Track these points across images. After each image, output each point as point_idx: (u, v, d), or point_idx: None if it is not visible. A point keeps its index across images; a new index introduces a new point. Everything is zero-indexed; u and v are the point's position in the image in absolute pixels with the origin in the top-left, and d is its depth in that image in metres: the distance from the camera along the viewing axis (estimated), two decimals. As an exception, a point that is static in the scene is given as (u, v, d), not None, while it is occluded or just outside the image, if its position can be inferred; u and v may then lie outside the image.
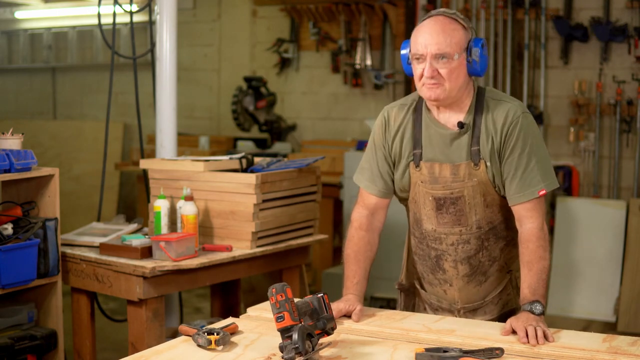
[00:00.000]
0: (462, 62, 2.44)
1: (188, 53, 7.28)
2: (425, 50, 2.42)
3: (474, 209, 2.51)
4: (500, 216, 2.55)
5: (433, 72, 2.42)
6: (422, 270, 2.68)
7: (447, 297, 2.65)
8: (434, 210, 2.54)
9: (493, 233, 2.56)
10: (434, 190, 2.52)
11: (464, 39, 2.45)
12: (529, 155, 2.45)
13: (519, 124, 2.45)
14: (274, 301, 2.04)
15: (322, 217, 4.34)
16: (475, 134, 2.48)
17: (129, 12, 4.12)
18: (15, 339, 3.24)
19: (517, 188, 2.45)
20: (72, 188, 7.58)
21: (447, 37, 2.41)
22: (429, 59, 2.41)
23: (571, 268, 5.47)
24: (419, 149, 2.53)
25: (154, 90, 4.09)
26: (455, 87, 2.44)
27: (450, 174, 2.50)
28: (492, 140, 2.47)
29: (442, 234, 2.55)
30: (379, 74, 6.38)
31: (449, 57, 2.41)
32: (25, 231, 3.22)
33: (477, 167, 2.48)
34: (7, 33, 8.44)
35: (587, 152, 5.75)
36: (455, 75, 2.43)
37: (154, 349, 2.21)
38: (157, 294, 3.18)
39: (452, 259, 2.57)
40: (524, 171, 2.45)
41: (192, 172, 3.45)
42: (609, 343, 2.19)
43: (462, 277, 2.59)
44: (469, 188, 2.49)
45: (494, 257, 2.59)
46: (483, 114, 2.49)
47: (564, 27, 5.69)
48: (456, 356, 2.02)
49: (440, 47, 2.40)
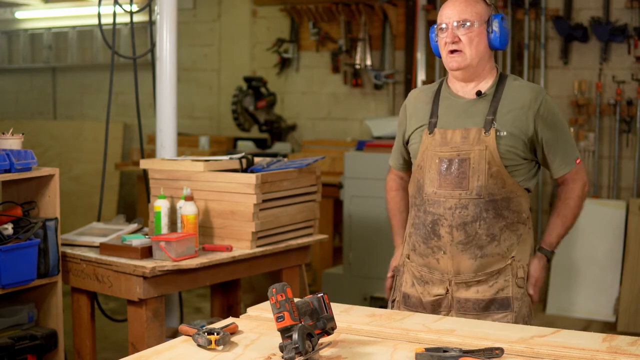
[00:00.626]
0: (483, 31, 2.61)
1: (188, 53, 7.28)
2: (448, 20, 2.60)
3: (477, 174, 2.58)
4: (503, 192, 2.59)
5: (454, 38, 2.59)
6: (415, 241, 2.71)
7: (439, 266, 2.65)
8: (438, 172, 2.64)
9: (493, 206, 2.59)
10: (442, 152, 2.63)
11: (485, 12, 2.63)
12: (562, 130, 2.67)
13: (547, 102, 2.64)
14: (274, 301, 2.04)
15: (322, 217, 4.34)
16: (493, 105, 2.61)
17: (129, 12, 4.12)
18: (15, 339, 3.24)
19: (560, 161, 2.68)
20: (72, 188, 7.58)
21: (469, 6, 2.60)
22: (451, 27, 2.60)
23: (571, 268, 5.47)
24: (435, 118, 2.68)
25: (154, 90, 4.09)
26: (475, 55, 2.60)
27: (461, 138, 2.61)
28: (516, 114, 2.60)
29: (441, 196, 2.62)
30: (379, 74, 6.38)
31: (470, 24, 2.58)
32: (25, 231, 3.22)
33: (487, 133, 2.58)
34: (7, 33, 8.44)
35: (587, 152, 5.75)
36: (476, 42, 2.60)
37: (154, 349, 2.21)
38: (157, 294, 3.18)
39: (448, 224, 2.60)
40: (563, 145, 2.67)
41: (192, 172, 3.45)
42: (609, 343, 2.19)
43: (457, 244, 2.60)
44: (476, 152, 2.58)
45: (492, 234, 2.59)
46: (504, 89, 2.64)
47: (563, 27, 5.69)
48: (456, 356, 2.03)
49: (461, 15, 2.58)
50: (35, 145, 7.48)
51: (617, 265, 5.39)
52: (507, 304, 2.61)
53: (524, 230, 2.66)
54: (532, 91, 2.64)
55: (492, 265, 2.61)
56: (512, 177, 2.60)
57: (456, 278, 2.62)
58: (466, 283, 2.62)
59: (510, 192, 2.60)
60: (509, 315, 2.60)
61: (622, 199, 5.60)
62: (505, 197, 2.60)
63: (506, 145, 2.58)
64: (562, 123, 2.69)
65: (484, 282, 2.62)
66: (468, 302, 2.62)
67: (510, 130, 2.58)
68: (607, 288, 5.38)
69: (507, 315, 2.60)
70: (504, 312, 2.61)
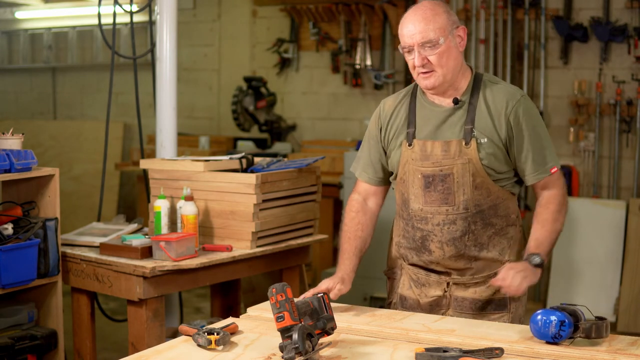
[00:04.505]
0: (450, 44, 2.48)
1: (188, 53, 7.28)
2: (411, 41, 2.47)
3: (462, 188, 2.53)
4: (489, 201, 2.55)
5: (423, 61, 2.47)
6: (407, 253, 2.69)
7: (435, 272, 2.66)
8: (422, 188, 2.56)
9: (480, 217, 2.56)
10: (423, 167, 2.55)
11: (448, 22, 2.49)
12: (536, 135, 2.53)
13: (521, 106, 2.52)
14: (274, 301, 2.04)
15: (322, 217, 4.34)
16: (470, 113, 2.52)
17: (129, 12, 4.12)
18: (15, 339, 3.24)
19: (532, 168, 2.54)
20: (72, 188, 7.58)
21: (429, 24, 2.45)
22: (417, 48, 2.46)
23: (571, 268, 5.47)
24: (412, 128, 2.58)
25: (154, 90, 4.09)
26: (448, 71, 2.49)
27: (441, 151, 2.53)
28: (492, 120, 2.51)
29: (428, 213, 2.57)
30: (379, 74, 6.38)
31: (434, 43, 2.45)
32: (25, 231, 3.22)
33: (468, 145, 2.50)
34: (7, 33, 8.44)
35: (587, 152, 5.75)
36: (445, 59, 2.48)
37: (154, 349, 2.21)
38: (157, 294, 3.18)
39: (438, 239, 2.58)
40: (537, 150, 2.53)
41: (192, 172, 3.45)
42: (609, 343, 2.19)
43: (449, 257, 2.59)
44: (459, 166, 2.51)
45: (480, 244, 2.58)
46: (480, 94, 2.53)
47: (563, 27, 5.69)
48: (456, 356, 2.03)
49: (424, 36, 2.45)
50: (35, 145, 7.48)
51: (617, 265, 5.39)
52: (503, 304, 2.62)
53: (514, 231, 2.65)
54: (507, 94, 2.53)
55: (487, 269, 2.62)
56: (496, 185, 2.55)
57: (453, 279, 2.63)
58: (464, 284, 2.62)
59: (496, 198, 2.57)
60: (505, 316, 2.61)
61: (622, 199, 5.60)
62: (492, 205, 2.56)
63: (487, 153, 2.51)
64: (538, 128, 2.55)
65: (481, 284, 2.62)
66: (465, 300, 2.62)
67: (489, 136, 2.51)
68: (607, 288, 5.38)
69: (503, 315, 2.61)
70: (500, 313, 2.62)
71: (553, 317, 2.15)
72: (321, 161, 3.79)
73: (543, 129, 2.58)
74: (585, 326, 2.15)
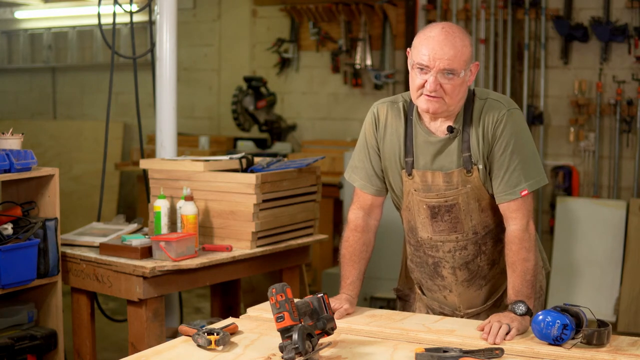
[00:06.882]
0: (465, 78, 2.37)
1: (188, 53, 7.28)
2: (432, 64, 2.32)
3: (469, 215, 2.48)
4: (496, 219, 2.52)
5: (437, 87, 2.33)
6: (421, 277, 2.66)
7: (448, 302, 2.65)
8: (429, 218, 2.50)
9: (490, 237, 2.54)
10: (427, 198, 2.48)
11: (470, 56, 2.37)
12: (512, 154, 2.40)
13: (502, 123, 2.40)
14: (274, 301, 2.04)
15: (322, 217, 4.34)
16: (464, 139, 2.42)
17: (129, 12, 4.12)
18: (15, 339, 3.24)
19: (502, 188, 2.42)
20: (72, 188, 7.58)
21: (458, 54, 2.32)
22: (435, 72, 2.32)
23: (571, 268, 5.47)
24: (410, 157, 2.48)
25: (154, 90, 4.09)
26: (454, 102, 2.38)
27: (443, 182, 2.45)
28: (482, 142, 2.42)
29: (438, 241, 2.53)
30: (379, 74, 6.38)
31: (455, 74, 2.33)
32: (25, 231, 3.22)
33: (469, 173, 2.43)
34: (7, 33, 8.44)
35: (587, 152, 5.75)
36: (458, 91, 2.36)
37: (154, 349, 2.21)
38: (157, 294, 3.18)
39: (450, 265, 2.56)
40: (507, 171, 2.40)
41: (192, 172, 3.45)
42: (609, 343, 2.19)
43: (462, 282, 2.58)
44: (463, 195, 2.45)
45: (492, 260, 2.58)
46: (473, 117, 2.43)
47: (564, 27, 5.68)
48: (456, 356, 2.03)
49: (451, 64, 2.31)
50: (35, 145, 7.47)
51: (617, 265, 5.38)
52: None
53: None
54: (493, 112, 2.41)
55: (498, 289, 2.62)
56: None
57: (467, 313, 2.64)
58: (477, 315, 2.63)
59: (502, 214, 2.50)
60: None
61: (623, 199, 5.59)
62: (499, 222, 2.51)
63: (486, 174, 2.44)
64: (518, 146, 2.40)
65: (493, 306, 2.63)
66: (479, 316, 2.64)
67: (482, 158, 2.43)
68: (607, 288, 5.38)
69: None
70: None
71: (557, 319, 2.14)
72: (321, 161, 3.78)
73: (524, 146, 2.43)
74: (587, 332, 2.14)
